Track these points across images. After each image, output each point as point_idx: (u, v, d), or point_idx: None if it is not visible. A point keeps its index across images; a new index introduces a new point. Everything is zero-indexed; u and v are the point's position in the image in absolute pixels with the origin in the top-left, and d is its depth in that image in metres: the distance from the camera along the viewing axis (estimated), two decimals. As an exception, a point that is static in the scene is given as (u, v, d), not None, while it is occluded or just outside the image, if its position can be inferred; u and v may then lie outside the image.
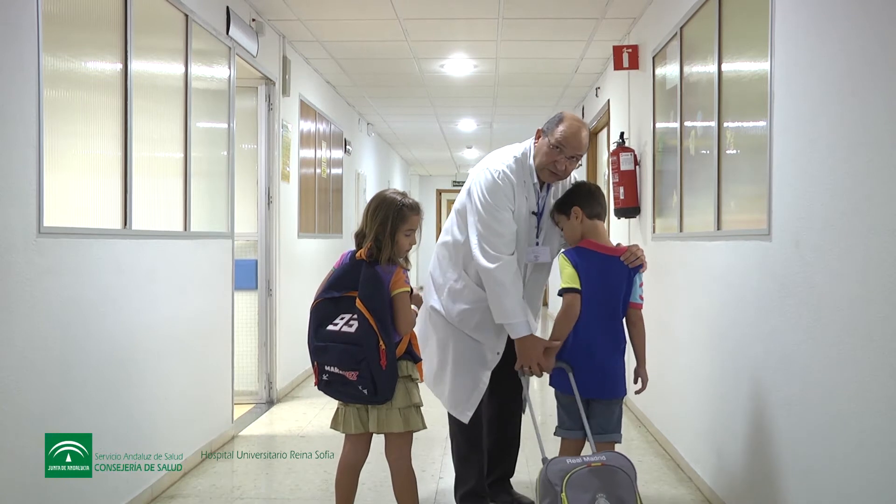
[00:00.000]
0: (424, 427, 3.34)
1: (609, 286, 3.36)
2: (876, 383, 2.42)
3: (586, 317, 3.34)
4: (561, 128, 3.47)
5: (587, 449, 3.35)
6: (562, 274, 3.37)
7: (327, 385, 3.25)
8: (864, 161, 2.51)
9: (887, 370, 2.35)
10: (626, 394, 3.43)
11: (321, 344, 3.21)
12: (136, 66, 3.80)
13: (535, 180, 3.57)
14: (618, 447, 3.39)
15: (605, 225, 3.54)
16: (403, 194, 3.37)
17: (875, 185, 2.44)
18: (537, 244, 3.61)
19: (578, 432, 3.39)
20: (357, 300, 3.16)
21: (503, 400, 3.82)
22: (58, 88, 3.23)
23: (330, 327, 3.20)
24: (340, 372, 3.17)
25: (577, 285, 3.32)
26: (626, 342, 3.44)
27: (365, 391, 3.16)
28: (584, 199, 3.46)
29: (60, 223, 3.19)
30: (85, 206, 3.51)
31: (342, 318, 3.19)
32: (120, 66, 3.71)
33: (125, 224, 3.73)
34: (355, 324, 3.15)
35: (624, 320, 3.45)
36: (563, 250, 3.44)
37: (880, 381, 2.40)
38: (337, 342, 3.17)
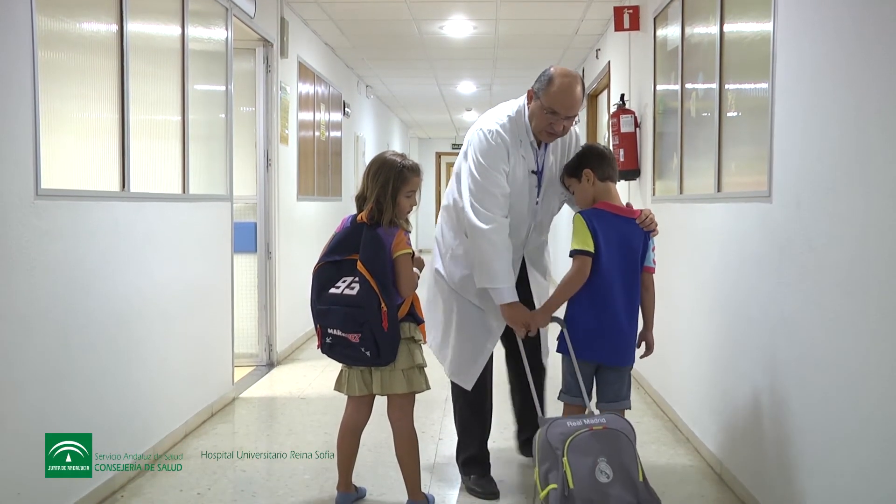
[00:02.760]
0: (428, 388, 3.37)
1: (628, 248, 3.30)
2: (875, 344, 2.43)
3: (608, 281, 3.26)
4: (552, 90, 3.35)
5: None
6: (575, 234, 3.25)
7: (330, 348, 3.27)
8: (865, 123, 2.49)
9: (887, 331, 2.36)
10: (635, 360, 3.44)
11: (324, 307, 3.23)
12: (131, 27, 3.75)
13: (532, 138, 3.50)
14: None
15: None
16: (403, 156, 3.36)
17: (876, 147, 2.42)
18: (537, 203, 3.57)
19: (585, 397, 3.36)
20: (358, 263, 3.17)
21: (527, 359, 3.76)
22: (52, 50, 3.19)
23: (332, 290, 3.21)
24: (343, 335, 3.19)
25: (590, 248, 3.21)
26: (639, 307, 3.42)
27: (368, 353, 3.18)
28: (596, 161, 3.38)
29: (58, 185, 3.18)
30: (82, 168, 3.50)
31: (344, 281, 3.20)
32: (115, 27, 3.67)
33: (123, 186, 3.72)
34: (357, 286, 3.16)
35: None
36: (579, 210, 3.36)
37: (880, 342, 2.40)
38: (339, 305, 3.18)
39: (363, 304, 3.14)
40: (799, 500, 2.96)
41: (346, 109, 9.43)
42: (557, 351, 3.42)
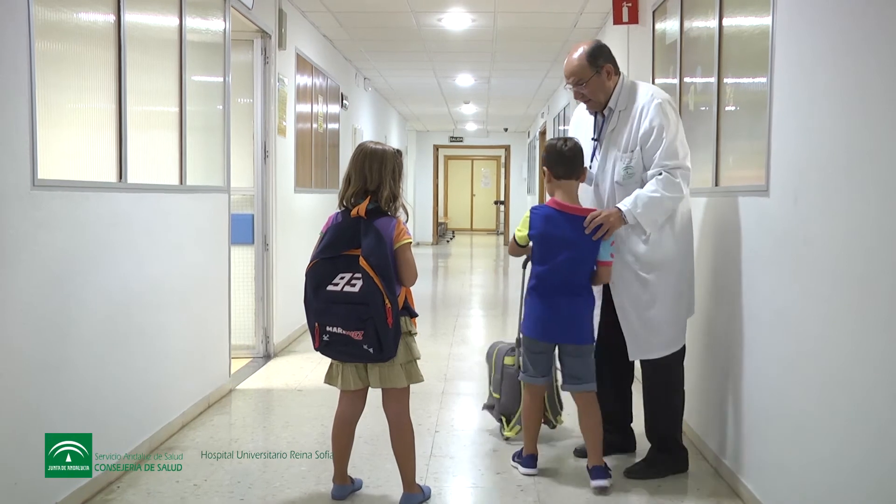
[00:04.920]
0: (423, 379, 3.39)
1: (572, 245, 3.54)
2: (870, 339, 2.43)
3: (550, 274, 3.58)
4: None
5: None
6: (520, 224, 3.68)
7: (327, 346, 3.25)
8: (864, 117, 2.49)
9: (881, 326, 2.36)
10: (594, 341, 3.69)
11: (322, 305, 3.19)
12: (129, 17, 3.74)
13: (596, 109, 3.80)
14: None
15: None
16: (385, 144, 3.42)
17: (875, 142, 2.42)
18: (590, 167, 3.77)
19: (540, 379, 3.72)
20: (361, 259, 3.14)
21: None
22: (49, 40, 3.18)
23: (330, 288, 3.17)
24: (345, 332, 3.16)
25: (521, 241, 3.66)
26: (591, 291, 3.65)
27: (370, 350, 3.16)
28: (552, 160, 3.65)
29: (55, 176, 3.17)
30: (80, 159, 3.49)
31: (342, 278, 3.16)
32: (113, 17, 3.66)
33: (120, 177, 3.71)
34: (358, 283, 3.13)
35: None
36: (532, 206, 3.76)
37: (874, 336, 2.41)
38: (340, 303, 3.16)
39: (367, 301, 3.12)
40: (797, 484, 2.97)
41: (344, 101, 9.42)
42: (520, 333, 3.82)
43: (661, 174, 3.54)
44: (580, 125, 3.99)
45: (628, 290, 3.66)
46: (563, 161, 3.62)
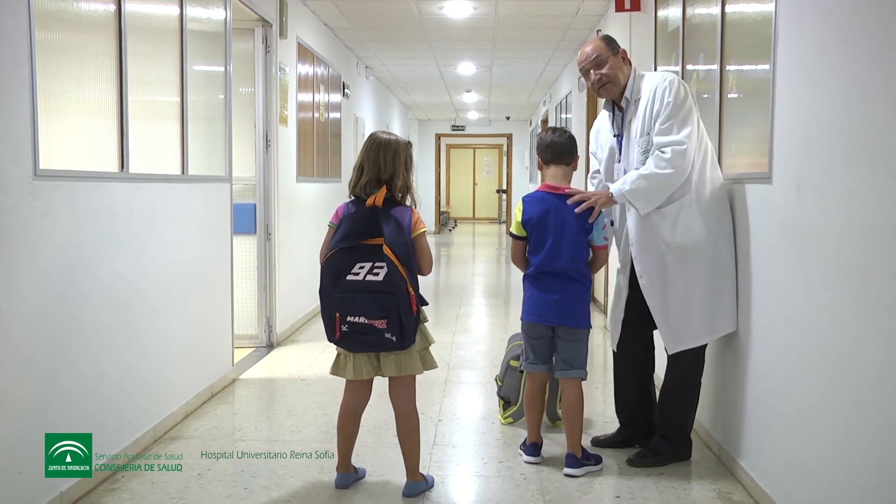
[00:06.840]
0: (437, 365, 3.45)
1: (563, 225, 3.60)
2: (872, 326, 2.43)
3: (548, 255, 3.62)
4: None
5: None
6: (514, 216, 3.77)
7: (344, 336, 3.22)
8: (866, 104, 2.48)
9: (885, 314, 2.36)
10: (590, 327, 3.71)
11: (344, 295, 3.18)
12: (129, 7, 3.73)
13: (612, 106, 3.81)
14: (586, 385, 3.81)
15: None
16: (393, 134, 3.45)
17: (877, 129, 2.41)
18: (619, 161, 3.77)
19: (541, 367, 3.73)
20: (384, 247, 3.14)
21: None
22: (50, 30, 3.18)
23: (350, 277, 3.17)
24: (368, 321, 3.16)
25: (518, 233, 3.72)
26: (587, 277, 3.68)
27: (393, 338, 3.17)
28: (541, 148, 3.80)
29: (57, 166, 3.17)
30: (81, 149, 3.48)
31: (361, 267, 3.16)
32: (113, 6, 3.65)
33: (122, 167, 3.71)
34: (381, 271, 3.14)
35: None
36: (522, 196, 3.82)
37: (877, 324, 2.40)
38: (363, 292, 3.15)
39: (392, 290, 3.13)
40: (800, 473, 2.97)
41: (346, 90, 9.40)
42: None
43: (654, 153, 3.52)
44: (600, 135, 3.94)
45: (658, 275, 3.60)
46: (551, 146, 3.75)
